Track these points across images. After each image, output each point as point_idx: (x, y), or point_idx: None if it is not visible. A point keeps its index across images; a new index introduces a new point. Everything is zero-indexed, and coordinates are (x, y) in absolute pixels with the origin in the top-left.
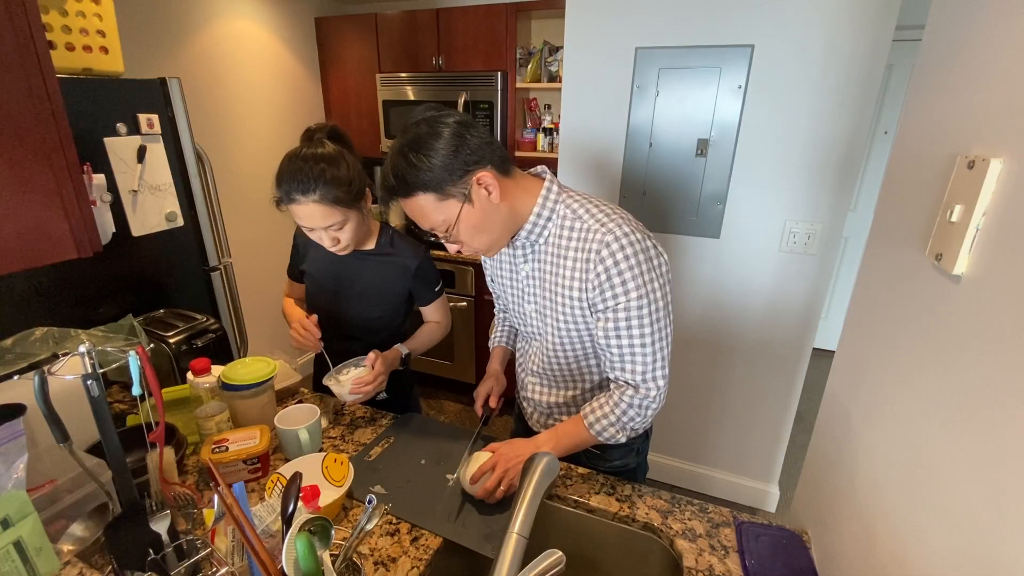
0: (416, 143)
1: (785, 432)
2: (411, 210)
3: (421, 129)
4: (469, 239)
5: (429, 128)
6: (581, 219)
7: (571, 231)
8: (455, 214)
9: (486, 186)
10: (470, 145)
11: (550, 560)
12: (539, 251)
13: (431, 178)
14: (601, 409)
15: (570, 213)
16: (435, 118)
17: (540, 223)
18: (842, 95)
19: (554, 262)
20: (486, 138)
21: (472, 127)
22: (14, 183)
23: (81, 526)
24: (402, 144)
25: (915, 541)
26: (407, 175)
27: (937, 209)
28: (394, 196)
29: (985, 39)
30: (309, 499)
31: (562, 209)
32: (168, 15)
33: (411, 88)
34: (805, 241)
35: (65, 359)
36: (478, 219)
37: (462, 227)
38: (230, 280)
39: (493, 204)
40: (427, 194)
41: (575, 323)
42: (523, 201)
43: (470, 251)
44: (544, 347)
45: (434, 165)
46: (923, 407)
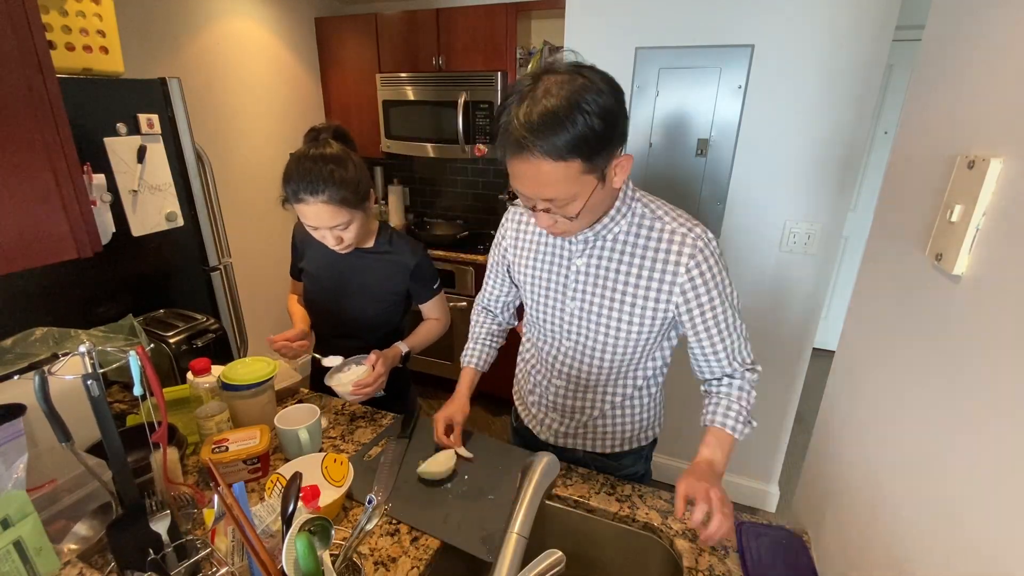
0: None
1: (785, 432)
2: (539, 173)
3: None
4: (582, 219)
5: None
6: (662, 220)
7: (650, 230)
8: (588, 191)
9: (620, 169)
10: (624, 116)
11: (550, 560)
12: (601, 246)
13: (591, 145)
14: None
15: (648, 212)
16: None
17: (618, 218)
18: (842, 95)
19: (622, 260)
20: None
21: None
22: (14, 183)
23: (85, 525)
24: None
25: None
26: (571, 137)
27: (937, 209)
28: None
29: (985, 39)
30: (309, 499)
31: (639, 207)
32: (168, 15)
33: (411, 88)
34: (805, 241)
35: (65, 359)
36: (600, 200)
37: (589, 205)
38: (230, 280)
39: (613, 189)
40: (579, 163)
41: (637, 323)
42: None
43: (564, 230)
44: (576, 347)
45: (596, 131)
46: (923, 407)
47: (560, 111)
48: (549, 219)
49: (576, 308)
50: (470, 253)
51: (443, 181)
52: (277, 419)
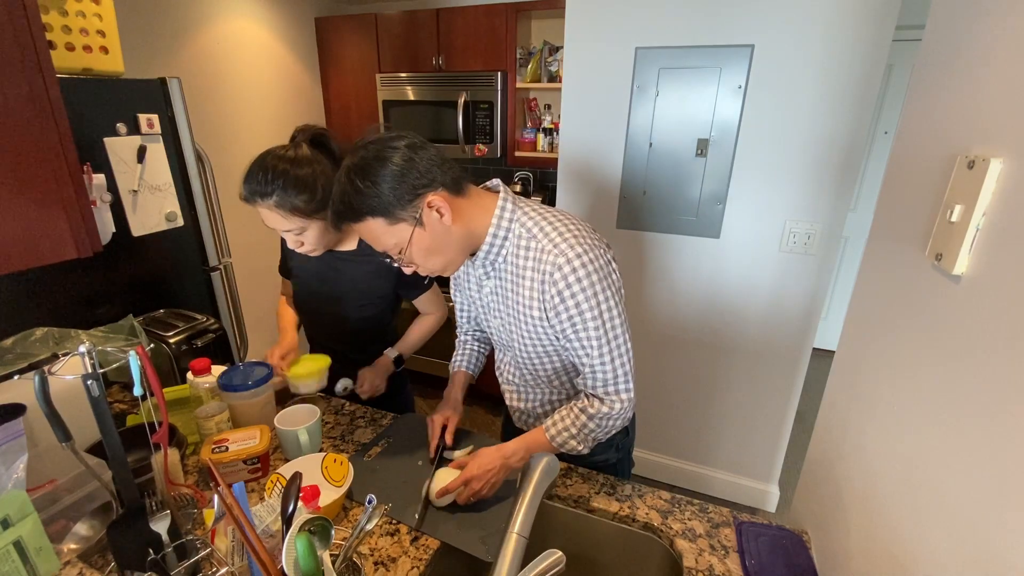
0: (362, 169)
1: (785, 432)
2: (363, 234)
3: (368, 152)
4: (423, 261)
5: (376, 153)
6: (536, 238)
7: (527, 251)
8: (407, 237)
9: (437, 208)
10: (419, 168)
11: (550, 560)
12: (500, 269)
13: (379, 204)
14: (563, 422)
15: (525, 232)
16: (383, 141)
17: (496, 243)
18: (842, 95)
19: (514, 280)
20: (436, 159)
21: (422, 148)
22: (14, 183)
23: (85, 525)
24: (349, 168)
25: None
26: (354, 201)
27: (937, 209)
28: (344, 220)
29: (985, 39)
30: (309, 499)
31: (517, 228)
32: (168, 15)
33: (411, 88)
34: (805, 241)
35: (65, 359)
36: (430, 242)
37: (415, 250)
38: (230, 280)
39: (445, 226)
40: (376, 219)
41: (539, 338)
42: (478, 220)
43: (425, 272)
44: (516, 358)
45: (381, 191)
46: (923, 407)
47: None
48: (406, 266)
49: (498, 325)
50: None
51: None
52: (277, 419)
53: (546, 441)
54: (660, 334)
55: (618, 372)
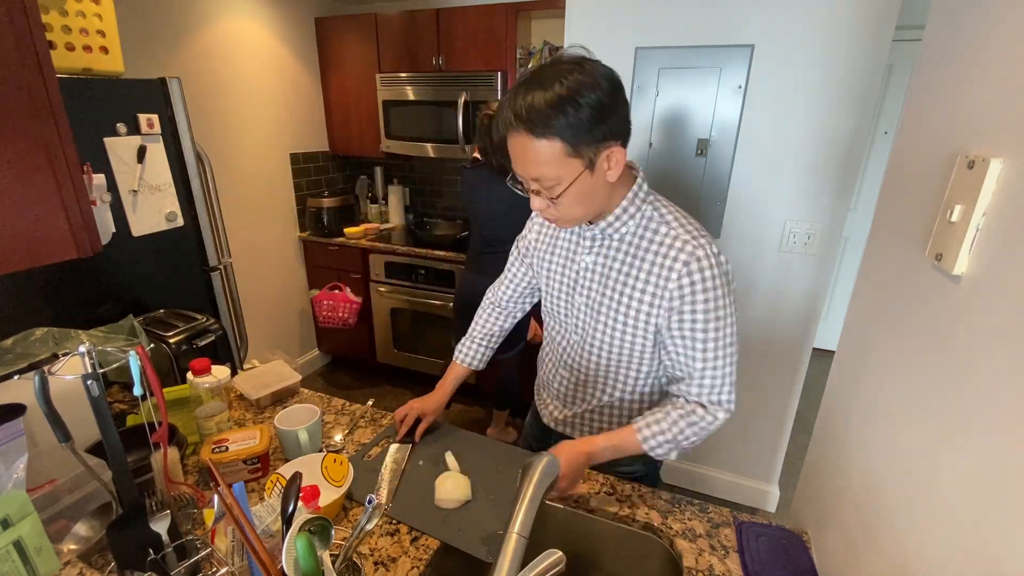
0: (577, 88)
1: (785, 432)
2: (526, 150)
3: (582, 74)
4: (568, 205)
5: (589, 77)
6: (669, 224)
7: (655, 233)
8: (573, 176)
9: (612, 162)
10: (620, 114)
11: (550, 560)
12: (609, 244)
13: (575, 131)
14: (658, 424)
15: (657, 216)
16: (596, 69)
17: (624, 217)
18: (842, 95)
19: (626, 260)
20: (628, 114)
21: (622, 91)
22: (14, 183)
23: (85, 526)
24: (556, 79)
25: (915, 541)
26: (553, 115)
27: (937, 209)
28: (521, 126)
29: (985, 39)
30: (309, 499)
31: (649, 210)
32: (168, 15)
33: (411, 88)
34: (805, 241)
35: (65, 359)
36: (588, 190)
37: (572, 191)
38: (230, 280)
39: (607, 182)
40: (561, 144)
41: (631, 324)
42: (619, 189)
43: (553, 215)
44: (582, 341)
45: (582, 119)
46: (923, 407)
47: (550, 96)
48: (541, 202)
49: (583, 303)
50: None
51: (443, 181)
52: (277, 419)
53: (636, 443)
54: None
55: (726, 380)
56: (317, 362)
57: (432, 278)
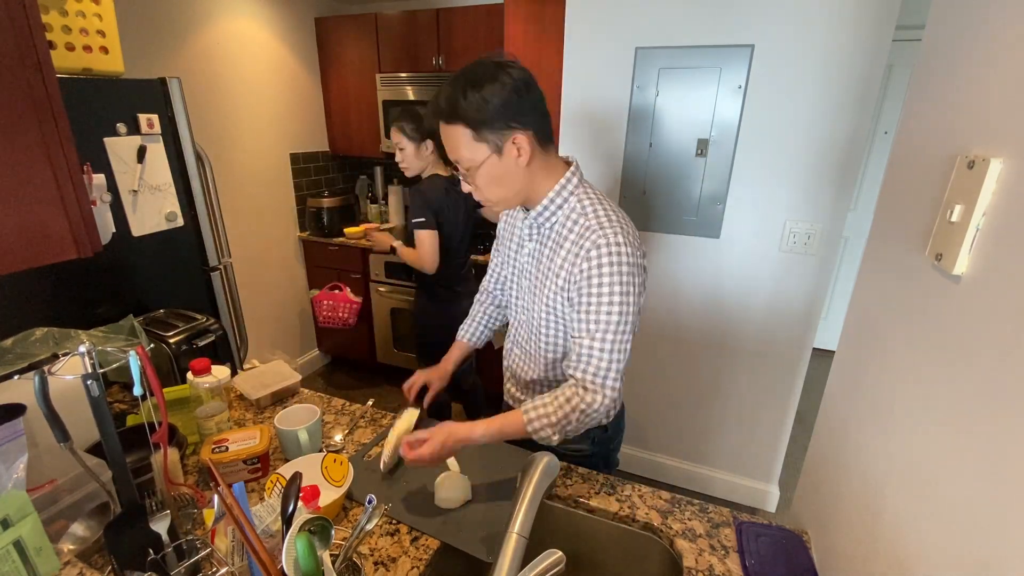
0: (476, 80)
1: (785, 432)
2: (445, 136)
3: (486, 70)
4: (484, 186)
5: (492, 73)
6: (586, 215)
7: (574, 224)
8: (481, 159)
9: (519, 147)
10: (521, 105)
11: (550, 560)
12: (544, 234)
13: (474, 117)
14: (544, 407)
15: (579, 207)
16: (503, 65)
17: (552, 208)
18: (842, 95)
19: (552, 248)
20: (540, 106)
21: (531, 90)
22: (14, 183)
23: (82, 526)
24: (464, 75)
25: (915, 541)
26: (456, 104)
27: (937, 209)
28: (438, 117)
29: (985, 39)
30: (309, 499)
31: (573, 201)
32: (168, 15)
33: (411, 88)
34: (805, 241)
35: (65, 359)
36: (499, 173)
37: (481, 173)
38: (230, 280)
39: (518, 167)
40: (465, 128)
41: (555, 309)
42: (543, 180)
43: (481, 197)
44: (527, 322)
45: (481, 107)
46: (923, 407)
47: (453, 88)
48: (468, 184)
49: (527, 286)
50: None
51: None
52: (277, 419)
53: (521, 424)
54: (660, 334)
55: (611, 365)
56: (317, 362)
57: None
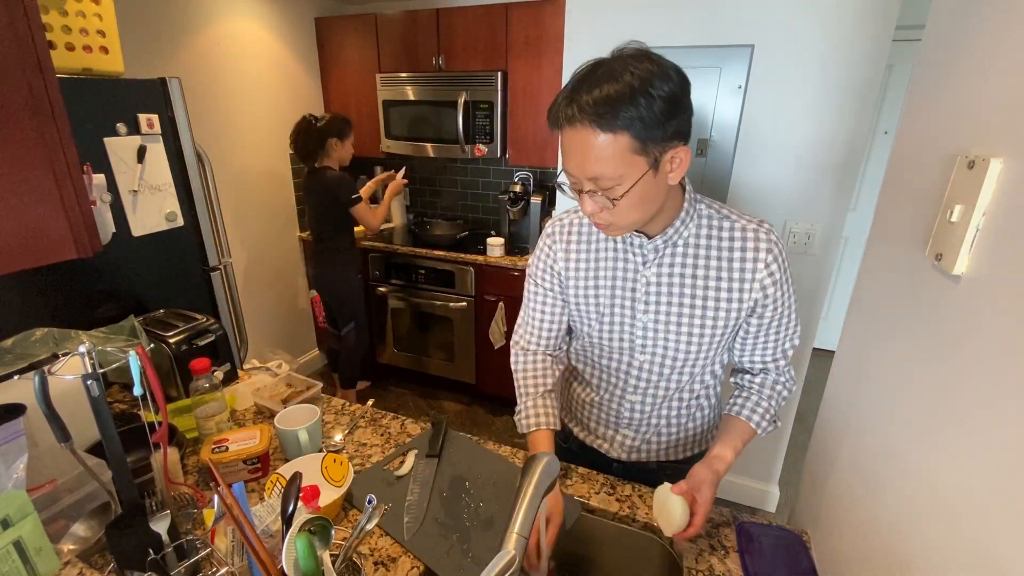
0: (649, 78)
1: (785, 432)
2: (587, 145)
3: (654, 67)
4: (626, 208)
5: (662, 70)
6: (730, 219)
7: (719, 230)
8: (635, 176)
9: (677, 164)
10: (688, 111)
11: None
12: (672, 253)
13: (645, 124)
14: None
15: (714, 213)
16: (664, 61)
17: (687, 221)
18: (842, 95)
19: (696, 264)
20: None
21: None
22: (14, 183)
23: (83, 526)
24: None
25: (915, 540)
26: (623, 106)
27: (937, 209)
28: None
29: (985, 39)
30: (309, 499)
31: (704, 209)
32: (168, 15)
33: (411, 88)
34: (805, 241)
35: (65, 359)
36: (650, 192)
37: (634, 192)
38: (230, 280)
39: (668, 184)
40: (628, 138)
41: (712, 325)
42: (673, 194)
43: (606, 220)
44: (658, 360)
45: (655, 112)
46: (923, 406)
47: (620, 86)
48: (594, 205)
49: (650, 321)
50: (470, 253)
51: (443, 181)
52: (277, 419)
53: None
54: None
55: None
56: (317, 362)
57: (432, 278)
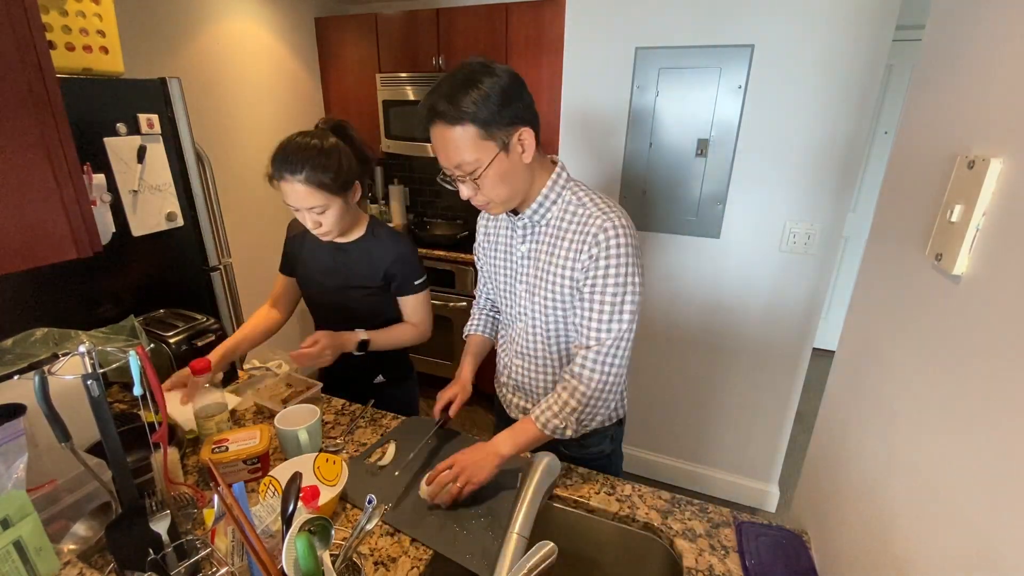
0: (476, 78)
1: (785, 432)
2: (446, 139)
3: (479, 70)
4: (491, 186)
5: (487, 71)
6: (584, 206)
7: (573, 215)
8: (489, 158)
9: (524, 143)
10: (523, 101)
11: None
12: (538, 232)
13: (484, 114)
14: (548, 406)
15: (575, 200)
16: (488, 65)
17: (546, 204)
18: (842, 95)
19: (551, 243)
20: (533, 104)
21: (524, 86)
22: (14, 183)
23: (83, 526)
24: (464, 74)
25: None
26: (462, 102)
27: (937, 209)
28: (437, 119)
29: (985, 39)
30: (308, 499)
31: (568, 195)
32: (168, 15)
33: (411, 88)
34: (805, 241)
35: (65, 359)
36: (506, 170)
37: (490, 173)
38: (230, 280)
39: (523, 163)
40: (474, 128)
41: (562, 302)
42: (538, 176)
43: (482, 200)
44: (528, 327)
45: (490, 103)
46: (923, 407)
47: (456, 85)
48: (469, 189)
49: (523, 290)
50: (470, 253)
51: None
52: (277, 419)
53: (535, 429)
54: (660, 334)
55: (615, 345)
56: None
57: (432, 278)
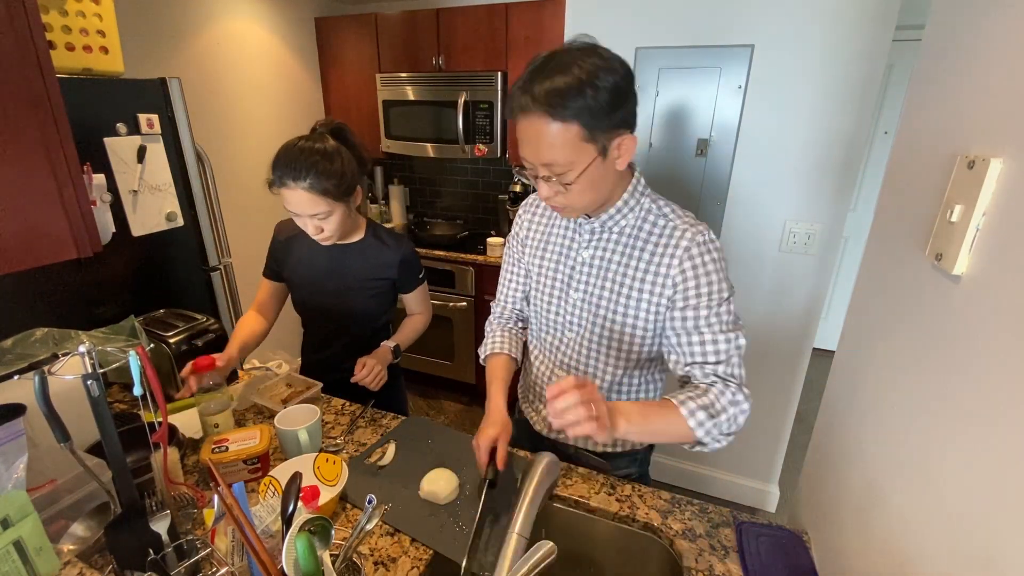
0: (596, 71)
1: (785, 432)
2: (540, 134)
3: (600, 61)
4: (579, 192)
5: (608, 64)
6: (667, 216)
7: (654, 226)
8: (585, 162)
9: (623, 150)
10: (632, 101)
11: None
12: (608, 238)
13: (593, 115)
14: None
15: (655, 208)
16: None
17: (625, 211)
18: (842, 95)
19: (625, 252)
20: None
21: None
22: (14, 183)
23: (82, 526)
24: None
25: (915, 541)
26: (572, 98)
27: (937, 209)
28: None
29: (985, 39)
30: (308, 499)
31: (647, 203)
32: (168, 15)
33: (411, 88)
34: (805, 241)
35: (65, 359)
36: (599, 177)
37: (584, 177)
38: (230, 280)
39: (616, 171)
40: (578, 127)
41: (631, 314)
42: (620, 183)
43: (562, 203)
44: (582, 338)
45: (601, 102)
46: (923, 407)
47: (569, 78)
48: (549, 189)
49: (579, 299)
50: (470, 253)
51: (443, 181)
52: (277, 419)
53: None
54: None
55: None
56: None
57: (432, 278)
